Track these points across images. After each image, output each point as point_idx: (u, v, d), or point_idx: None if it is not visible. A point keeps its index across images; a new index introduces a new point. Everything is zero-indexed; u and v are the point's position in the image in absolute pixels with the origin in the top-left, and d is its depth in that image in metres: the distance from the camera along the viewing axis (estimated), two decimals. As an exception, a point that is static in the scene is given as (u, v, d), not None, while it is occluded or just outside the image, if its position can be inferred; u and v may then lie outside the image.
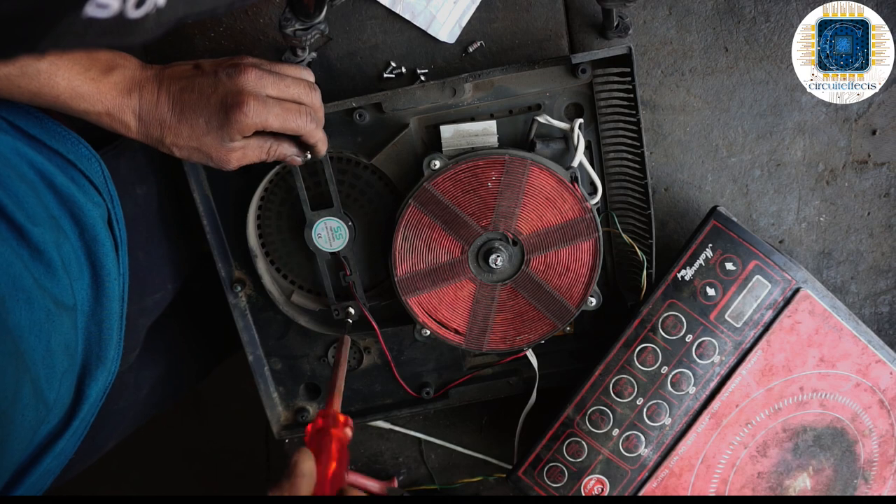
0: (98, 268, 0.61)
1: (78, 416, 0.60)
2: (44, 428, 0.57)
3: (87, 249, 0.60)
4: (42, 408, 0.54)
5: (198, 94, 0.58)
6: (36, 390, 0.52)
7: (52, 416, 0.57)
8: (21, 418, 0.50)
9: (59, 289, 0.56)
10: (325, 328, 0.76)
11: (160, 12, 0.33)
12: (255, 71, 0.58)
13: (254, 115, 0.58)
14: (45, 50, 0.30)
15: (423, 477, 0.84)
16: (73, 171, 0.61)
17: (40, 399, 0.53)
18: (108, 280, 0.61)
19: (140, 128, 0.58)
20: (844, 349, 0.66)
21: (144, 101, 0.58)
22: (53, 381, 0.55)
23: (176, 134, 0.59)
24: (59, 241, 0.57)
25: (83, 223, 0.60)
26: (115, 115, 0.57)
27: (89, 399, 0.61)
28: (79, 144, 0.62)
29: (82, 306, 0.60)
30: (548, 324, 0.70)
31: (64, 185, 0.59)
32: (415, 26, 0.71)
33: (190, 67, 0.60)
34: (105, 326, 0.62)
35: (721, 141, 0.74)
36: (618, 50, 0.65)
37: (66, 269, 0.57)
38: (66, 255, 0.58)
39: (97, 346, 0.61)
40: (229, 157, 0.60)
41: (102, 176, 0.63)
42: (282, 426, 0.79)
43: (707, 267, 0.66)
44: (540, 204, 0.67)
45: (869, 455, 0.69)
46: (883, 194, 0.75)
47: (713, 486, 0.68)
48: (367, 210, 0.72)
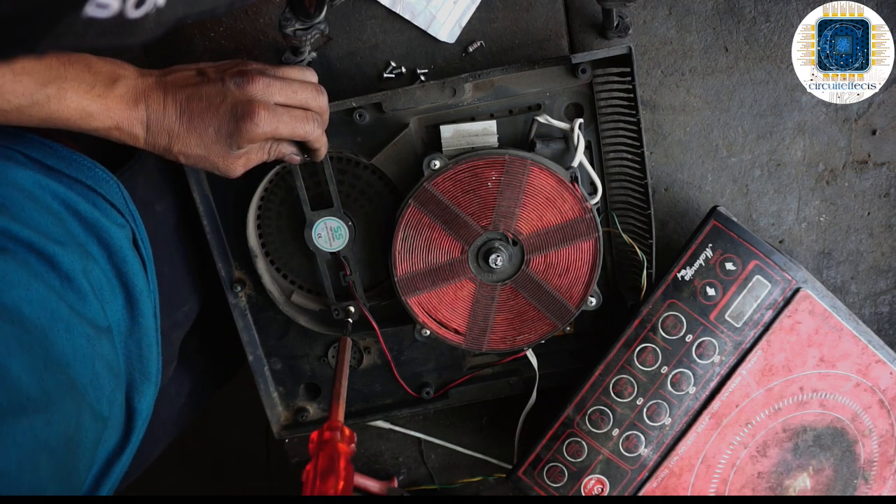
0: (130, 287, 0.61)
1: (134, 431, 0.61)
2: (104, 448, 0.58)
3: (116, 271, 0.61)
4: (100, 427, 0.55)
5: (206, 103, 0.58)
6: (93, 412, 0.53)
7: (110, 434, 0.58)
8: (85, 441, 0.52)
9: (93, 313, 0.57)
10: (325, 328, 0.76)
11: (160, 12, 0.33)
12: (263, 79, 0.58)
13: (264, 125, 0.58)
14: (45, 50, 0.30)
15: (423, 477, 0.84)
16: (94, 197, 0.61)
17: (98, 419, 0.54)
18: (140, 298, 0.62)
19: (148, 138, 0.58)
20: (844, 349, 0.66)
21: (152, 110, 0.57)
22: (104, 401, 0.56)
23: (184, 143, 0.58)
24: (87, 267, 0.57)
25: (110, 246, 0.60)
26: (125, 128, 0.57)
27: (141, 414, 0.62)
28: (95, 168, 0.62)
29: (119, 326, 0.61)
30: (548, 324, 0.70)
31: (87, 210, 0.59)
32: (415, 26, 0.71)
33: (193, 73, 0.59)
34: (144, 343, 0.62)
35: (721, 141, 0.74)
36: (618, 50, 0.65)
37: (96, 293, 0.58)
38: (96, 279, 0.58)
39: (139, 363, 0.62)
40: (236, 164, 0.61)
41: (122, 197, 0.63)
42: (282, 426, 0.79)
43: (707, 267, 0.66)
44: (540, 204, 0.67)
45: (869, 455, 0.69)
46: (883, 194, 0.75)
47: (713, 486, 0.68)
48: (367, 210, 0.72)
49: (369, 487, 0.82)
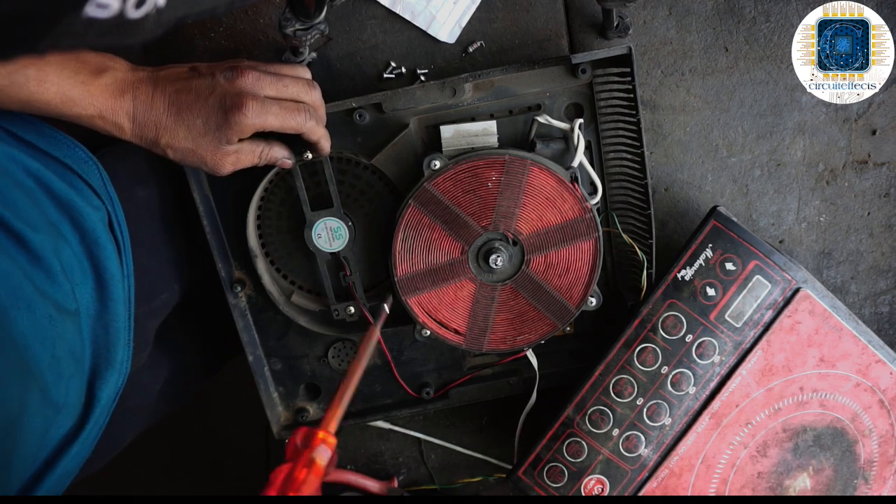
0: (101, 271, 0.60)
1: (91, 418, 0.60)
2: (56, 432, 0.57)
3: (88, 253, 0.60)
4: (51, 413, 0.53)
5: (195, 95, 0.58)
6: (44, 397, 0.52)
7: (64, 419, 0.57)
8: (29, 425, 0.50)
9: (61, 294, 0.55)
10: (325, 328, 0.76)
11: (160, 12, 0.33)
12: (253, 73, 0.58)
13: (253, 116, 0.57)
14: (44, 50, 0.30)
15: (423, 477, 0.84)
16: (70, 176, 0.60)
17: (49, 404, 0.53)
18: (111, 283, 0.61)
19: (134, 129, 0.58)
20: (844, 349, 0.66)
21: (139, 102, 0.57)
22: (61, 386, 0.55)
23: (172, 135, 0.58)
24: (58, 246, 0.56)
25: (83, 227, 0.59)
26: (108, 117, 0.56)
27: (101, 401, 0.61)
28: (75, 148, 0.61)
29: (87, 310, 0.59)
30: (548, 324, 0.70)
31: (62, 189, 0.58)
32: (415, 26, 0.71)
33: (185, 70, 0.60)
34: (112, 329, 0.61)
35: (721, 141, 0.74)
36: (618, 50, 0.65)
37: (66, 275, 0.57)
38: (67, 260, 0.57)
39: (105, 350, 0.61)
40: (224, 160, 0.60)
41: (101, 179, 0.63)
42: (282, 426, 0.79)
43: (707, 267, 0.66)
44: (540, 204, 0.67)
45: (869, 455, 0.69)
46: (883, 194, 0.75)
47: (713, 486, 0.68)
48: (367, 210, 0.72)
49: (369, 487, 0.82)
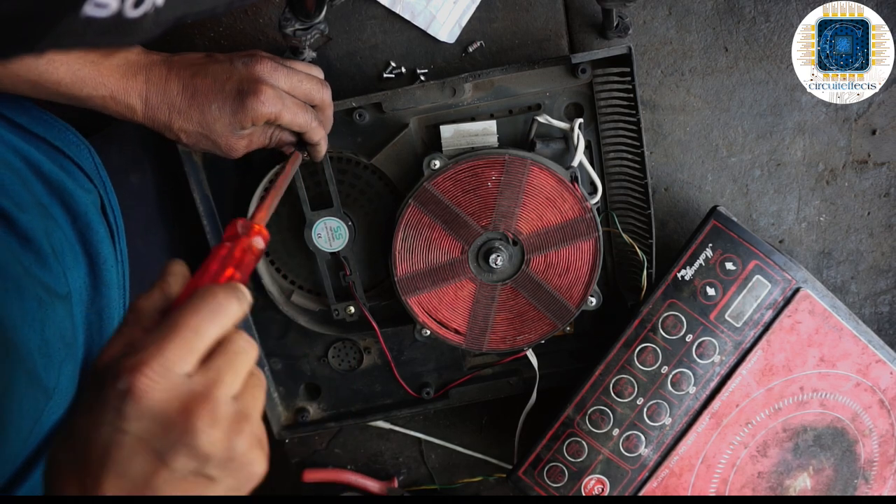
0: (94, 255, 0.59)
1: None
2: (48, 418, 0.56)
3: (80, 237, 0.59)
4: (41, 396, 0.52)
5: (211, 80, 0.57)
6: (32, 379, 0.51)
7: (56, 406, 0.56)
8: (18, 408, 0.50)
9: (51, 277, 0.54)
10: (325, 328, 0.76)
11: (158, 12, 0.33)
12: (271, 62, 0.58)
13: (270, 105, 0.57)
14: (44, 50, 0.30)
15: (423, 477, 0.84)
16: (61, 159, 0.59)
17: (38, 387, 0.52)
18: (104, 268, 0.60)
19: (146, 111, 0.57)
20: (844, 349, 0.66)
21: (152, 83, 0.56)
22: (52, 370, 0.54)
23: (186, 119, 0.57)
24: (48, 228, 0.55)
25: (75, 210, 0.58)
26: (120, 98, 0.56)
27: None
28: (66, 131, 0.60)
29: (80, 294, 0.58)
30: (548, 324, 0.70)
31: (52, 172, 0.57)
32: (415, 26, 0.71)
33: (202, 56, 0.59)
34: (106, 315, 0.60)
35: (721, 141, 0.74)
36: (618, 50, 0.65)
37: (57, 257, 0.55)
38: (58, 242, 0.56)
39: (99, 336, 0.60)
40: (238, 144, 0.60)
41: (93, 162, 0.62)
42: (282, 426, 0.79)
43: (707, 267, 0.66)
44: (540, 204, 0.67)
45: (869, 455, 0.69)
46: (883, 194, 0.75)
47: (713, 485, 0.68)
48: (367, 210, 0.72)
49: (369, 487, 0.82)
